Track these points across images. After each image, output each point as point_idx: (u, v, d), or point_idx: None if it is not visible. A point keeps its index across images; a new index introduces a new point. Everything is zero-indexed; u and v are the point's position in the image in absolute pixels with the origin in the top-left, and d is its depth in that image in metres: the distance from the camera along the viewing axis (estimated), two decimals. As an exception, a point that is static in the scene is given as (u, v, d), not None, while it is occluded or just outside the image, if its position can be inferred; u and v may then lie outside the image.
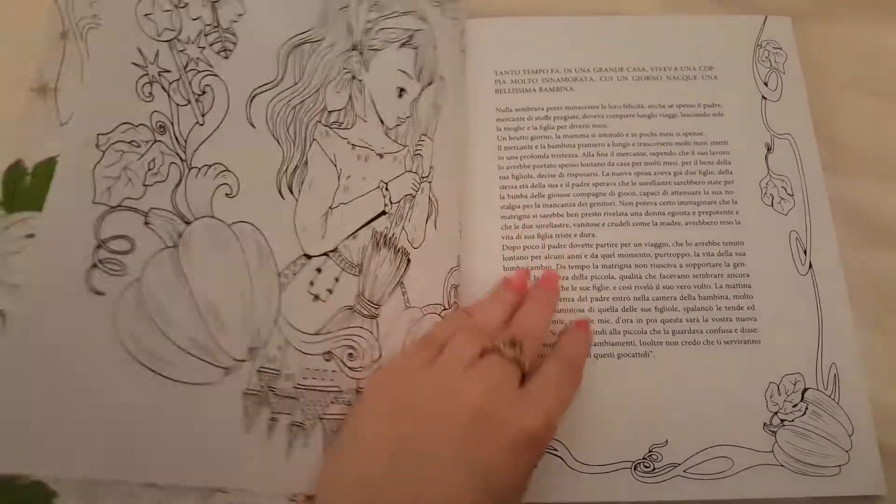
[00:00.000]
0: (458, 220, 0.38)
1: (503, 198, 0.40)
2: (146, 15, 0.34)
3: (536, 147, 0.41)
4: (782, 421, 0.35)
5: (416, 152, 0.36)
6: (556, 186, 0.40)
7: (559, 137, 0.41)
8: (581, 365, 0.33)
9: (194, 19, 0.34)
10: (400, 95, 0.36)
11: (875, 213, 0.40)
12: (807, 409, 0.35)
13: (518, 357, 0.30)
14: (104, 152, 0.31)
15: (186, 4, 0.34)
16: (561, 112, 0.42)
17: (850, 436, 0.35)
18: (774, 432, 0.35)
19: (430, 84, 0.38)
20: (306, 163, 0.34)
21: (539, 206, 0.39)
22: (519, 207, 0.39)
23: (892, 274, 0.39)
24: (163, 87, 0.33)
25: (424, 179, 0.36)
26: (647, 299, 0.37)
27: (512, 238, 0.39)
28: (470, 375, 0.29)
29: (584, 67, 0.43)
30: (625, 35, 0.44)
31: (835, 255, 0.38)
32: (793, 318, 0.37)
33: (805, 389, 0.36)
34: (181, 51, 0.33)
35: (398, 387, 0.30)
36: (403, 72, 0.37)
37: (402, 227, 0.35)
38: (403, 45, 0.37)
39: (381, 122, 0.36)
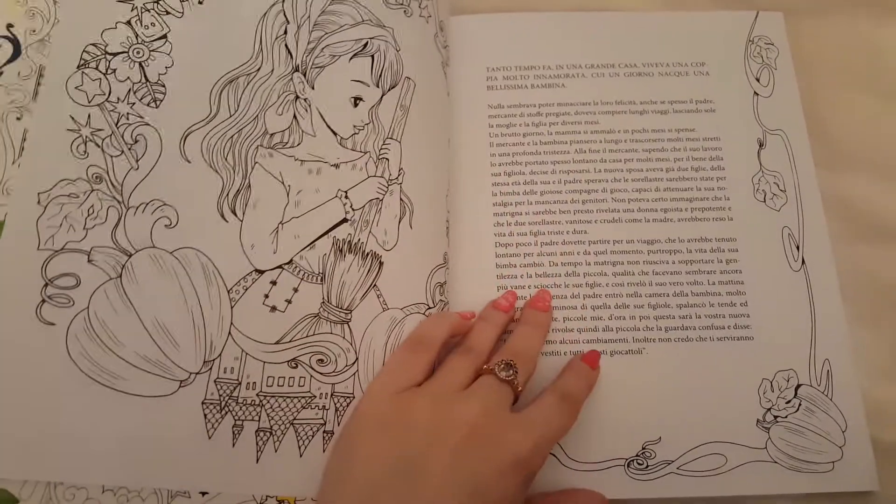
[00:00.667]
0: (445, 218, 0.38)
1: (495, 195, 0.40)
2: (76, 88, 0.36)
3: (528, 144, 0.41)
4: (775, 417, 0.35)
5: (381, 156, 0.37)
6: (549, 183, 0.40)
7: (551, 134, 0.41)
8: (580, 400, 0.33)
9: (122, 81, 0.36)
10: (355, 104, 0.37)
11: (867, 209, 0.40)
12: (800, 405, 0.35)
13: (512, 379, 0.31)
14: (45, 207, 0.34)
15: (114, 70, 0.37)
16: (553, 108, 0.42)
17: (843, 432, 0.35)
18: (768, 429, 0.35)
19: (393, 87, 0.38)
20: (249, 186, 0.35)
21: (531, 203, 0.39)
22: (511, 204, 0.39)
23: (884, 270, 0.39)
24: (96, 144, 0.35)
25: (393, 182, 0.37)
26: (640, 296, 0.37)
27: (504, 235, 0.39)
28: (465, 395, 0.31)
29: (575, 64, 0.43)
30: (616, 31, 0.44)
31: (827, 250, 0.38)
32: (786, 314, 0.37)
33: (798, 385, 0.36)
34: (111, 110, 0.36)
35: (396, 401, 0.31)
36: (358, 81, 0.38)
37: (370, 232, 0.35)
38: (356, 55, 0.38)
39: (334, 133, 0.37)
